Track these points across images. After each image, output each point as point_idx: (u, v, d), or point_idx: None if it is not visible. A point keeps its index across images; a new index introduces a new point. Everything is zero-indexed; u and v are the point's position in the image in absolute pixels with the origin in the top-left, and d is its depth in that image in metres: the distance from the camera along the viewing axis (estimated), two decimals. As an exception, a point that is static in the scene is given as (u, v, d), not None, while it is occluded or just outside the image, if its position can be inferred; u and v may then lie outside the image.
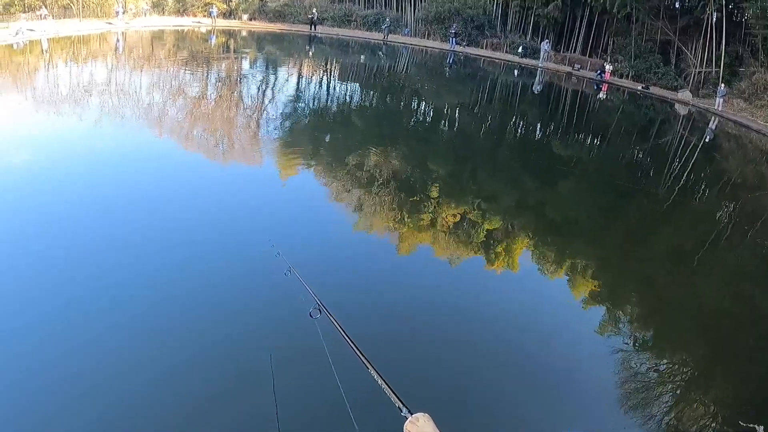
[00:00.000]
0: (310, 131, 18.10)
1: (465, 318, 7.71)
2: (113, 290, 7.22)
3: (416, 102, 25.87)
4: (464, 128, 21.91)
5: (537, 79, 37.44)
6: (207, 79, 25.01)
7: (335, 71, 32.90)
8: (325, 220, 10.75)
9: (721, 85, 33.63)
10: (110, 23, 41.32)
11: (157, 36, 40.56)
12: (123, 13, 42.78)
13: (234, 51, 37.53)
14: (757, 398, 7.11)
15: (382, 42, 44.98)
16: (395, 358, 6.34)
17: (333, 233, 10.10)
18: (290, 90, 25.04)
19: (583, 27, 44.31)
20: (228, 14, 50.30)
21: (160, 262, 8.11)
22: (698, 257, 11.68)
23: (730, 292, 10.21)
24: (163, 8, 49.31)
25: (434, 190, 13.00)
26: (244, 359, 6.24)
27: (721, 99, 32.98)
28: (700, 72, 37.57)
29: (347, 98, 25.08)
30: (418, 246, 10.17)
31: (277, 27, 48.09)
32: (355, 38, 46.10)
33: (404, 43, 45.54)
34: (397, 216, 11.16)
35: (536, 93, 33.48)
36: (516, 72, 39.47)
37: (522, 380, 6.52)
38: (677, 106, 34.09)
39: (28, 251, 8.03)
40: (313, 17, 46.50)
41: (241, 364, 6.15)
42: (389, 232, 10.49)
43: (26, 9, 39.08)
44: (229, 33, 45.36)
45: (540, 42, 43.14)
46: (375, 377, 2.70)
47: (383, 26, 46.09)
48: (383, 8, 50.58)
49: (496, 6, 46.43)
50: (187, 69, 26.62)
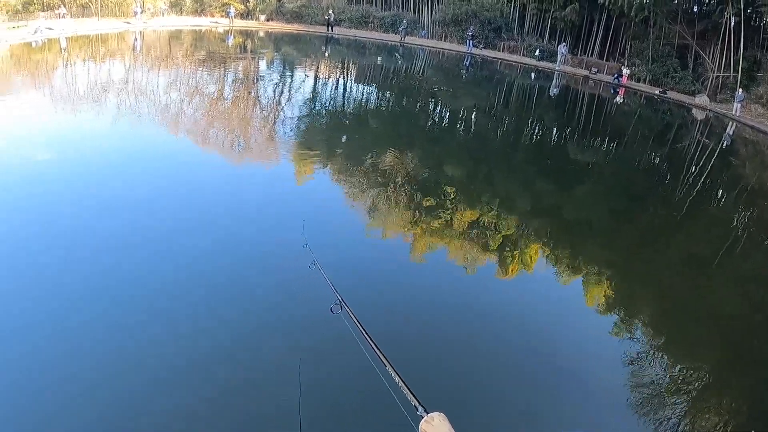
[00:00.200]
0: (327, 132, 18.22)
1: (481, 319, 7.81)
2: (141, 284, 7.38)
3: (433, 104, 25.91)
4: (481, 131, 21.94)
5: (554, 83, 37.38)
6: (224, 79, 25.17)
7: (352, 72, 32.98)
8: (345, 220, 10.85)
9: (739, 90, 33.42)
10: (128, 23, 41.68)
11: (175, 36, 40.83)
12: (141, 13, 43.12)
13: (251, 51, 37.72)
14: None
15: (399, 44, 45.05)
16: (413, 357, 6.50)
17: (353, 232, 10.21)
18: (307, 91, 25.18)
19: (601, 30, 44.16)
20: (245, 15, 50.52)
21: (188, 255, 8.29)
22: (713, 263, 11.66)
23: (745, 298, 10.21)
24: (181, 8, 49.59)
25: (451, 192, 13.07)
26: (267, 352, 6.38)
27: (739, 104, 32.78)
28: (718, 77, 37.37)
29: (364, 99, 25.16)
30: (435, 247, 10.26)
31: (294, 28, 48.26)
32: (372, 40, 46.18)
33: (421, 45, 45.59)
34: (415, 217, 11.23)
35: (553, 96, 33.42)
36: (533, 75, 39.42)
37: (536, 383, 6.60)
38: (694, 111, 33.93)
39: (58, 246, 8.19)
40: (330, 18, 46.63)
41: (264, 357, 6.30)
42: (407, 233, 10.55)
43: (45, 8, 39.49)
44: (247, 33, 45.58)
45: (557, 45, 43.02)
46: (393, 375, 2.74)
47: (400, 28, 46.15)
48: (400, 10, 50.65)
49: (514, 8, 46.37)
50: (205, 69, 26.79)
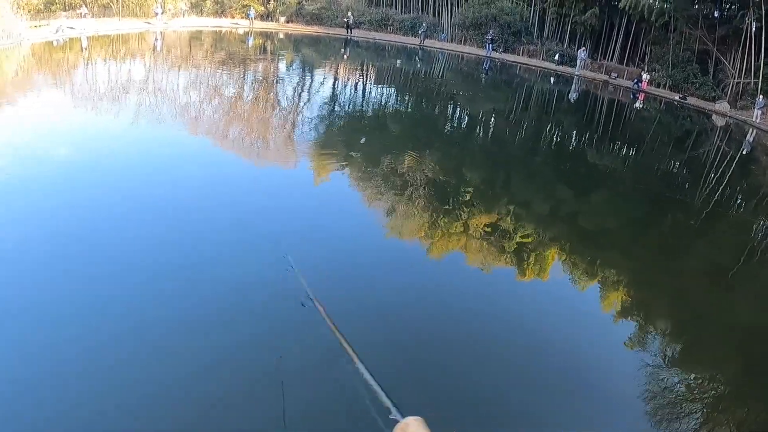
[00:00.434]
0: (346, 134, 18.35)
1: (492, 323, 7.84)
2: (139, 285, 7.48)
3: (452, 108, 25.98)
4: (499, 135, 21.99)
5: (573, 87, 37.38)
6: (244, 80, 25.37)
7: (371, 75, 33.10)
8: (360, 222, 10.92)
9: (760, 97, 33.26)
10: (149, 23, 42.12)
11: (195, 36, 41.19)
12: (162, 14, 43.56)
13: (271, 53, 37.93)
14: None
15: (419, 46, 45.17)
16: (417, 360, 6.49)
17: (344, 234, 10.19)
18: (326, 93, 25.35)
19: (621, 35, 44.09)
20: (265, 16, 50.87)
21: (183, 256, 8.42)
22: (733, 271, 11.65)
23: (765, 309, 10.17)
24: (202, 9, 50.00)
25: (468, 196, 13.11)
26: (246, 356, 6.38)
27: (760, 111, 32.65)
28: (738, 83, 37.19)
29: (383, 102, 25.27)
30: (450, 250, 10.30)
31: (314, 30, 48.55)
32: (392, 42, 46.34)
33: (440, 48, 45.71)
34: (431, 220, 11.29)
35: (572, 101, 33.41)
36: (552, 79, 39.41)
37: (545, 391, 6.61)
38: (714, 117, 33.82)
39: (55, 245, 8.30)
40: (349, 21, 46.78)
41: (242, 361, 6.29)
42: (422, 236, 10.61)
43: (67, 7, 40.04)
44: (267, 35, 45.89)
45: (577, 49, 42.96)
46: (367, 377, 2.79)
47: (420, 31, 46.28)
48: (420, 13, 50.77)
49: (533, 13, 46.39)
50: (225, 70, 26.99)
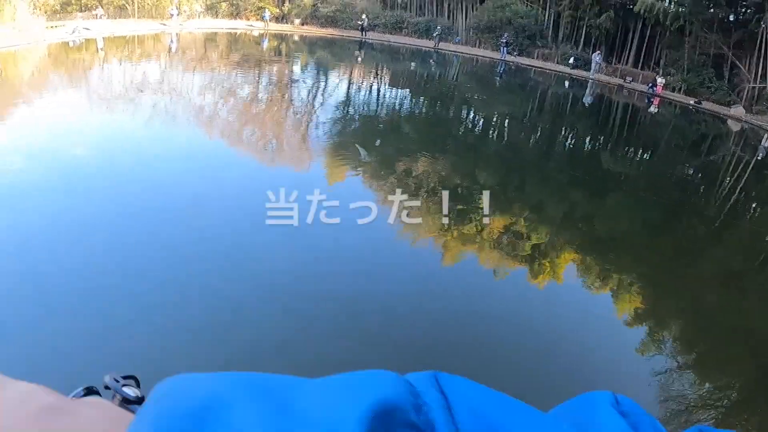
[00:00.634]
0: (360, 136, 18.39)
1: (500, 329, 7.86)
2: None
3: (466, 111, 26.01)
4: (513, 139, 22.01)
5: (588, 91, 37.33)
6: (258, 82, 25.47)
7: (385, 77, 33.18)
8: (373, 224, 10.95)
9: (776, 102, 33.14)
10: (164, 24, 42.36)
11: (211, 38, 41.41)
12: (177, 15, 43.73)
13: (286, 55, 38.08)
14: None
15: (433, 49, 45.18)
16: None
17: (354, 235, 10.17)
18: (340, 95, 25.43)
19: (636, 39, 43.95)
20: (280, 18, 50.96)
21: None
22: (747, 278, 11.63)
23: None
24: (217, 11, 50.14)
25: (480, 198, 13.14)
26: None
27: (776, 116, 32.52)
28: (754, 87, 37.00)
29: (397, 105, 25.34)
30: (464, 253, 10.33)
31: (329, 32, 48.67)
32: (406, 45, 46.41)
33: (455, 52, 45.72)
34: (445, 222, 11.31)
35: (587, 105, 33.37)
36: (567, 83, 39.38)
37: (554, 395, 6.54)
38: (729, 122, 33.69)
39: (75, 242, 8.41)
40: (364, 23, 46.80)
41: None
42: (436, 239, 10.65)
43: (83, 8, 40.38)
44: (281, 37, 46.04)
45: (591, 53, 42.84)
46: None
47: (434, 34, 46.27)
48: (435, 16, 50.78)
49: (548, 16, 46.31)
50: (240, 71, 27.12)
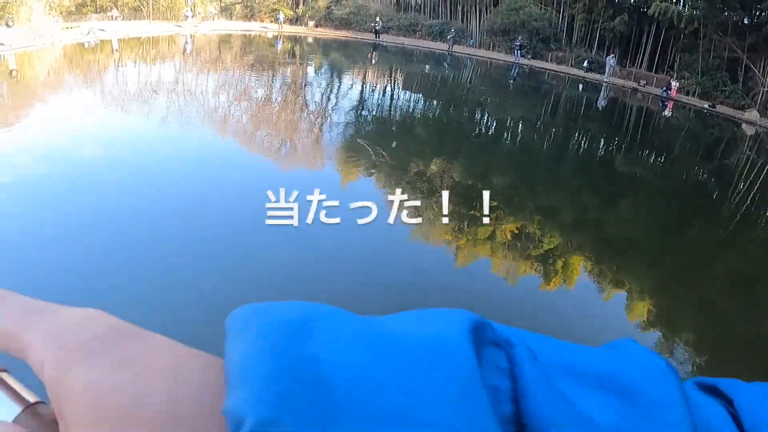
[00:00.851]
0: (374, 138, 18.42)
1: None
2: None
3: (479, 114, 26.01)
4: (527, 142, 22.00)
5: (601, 95, 37.28)
6: (272, 83, 25.58)
7: (399, 80, 33.23)
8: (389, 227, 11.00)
9: (791, 106, 32.94)
10: (179, 26, 42.63)
11: (225, 40, 41.61)
12: (192, 17, 43.91)
13: (299, 56, 38.19)
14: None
15: (447, 52, 45.20)
16: None
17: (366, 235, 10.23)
18: (354, 97, 25.50)
19: (650, 42, 43.83)
20: (294, 20, 51.17)
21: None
22: (763, 285, 11.56)
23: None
24: (231, 13, 50.35)
25: (494, 202, 13.14)
26: None
27: (791, 120, 32.33)
28: (769, 91, 36.82)
29: (411, 107, 25.41)
30: (476, 256, 10.33)
31: (342, 34, 48.82)
32: (420, 47, 46.49)
33: (469, 54, 45.75)
34: (456, 226, 11.33)
35: (600, 108, 33.30)
36: (581, 86, 39.34)
37: None
38: (744, 126, 33.50)
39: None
40: (377, 25, 46.86)
41: None
42: (448, 241, 10.66)
43: (98, 10, 40.66)
44: (295, 39, 46.22)
45: (605, 56, 42.73)
46: None
47: (448, 36, 46.29)
48: (449, 18, 50.84)
49: (562, 19, 46.23)
50: (254, 73, 27.23)
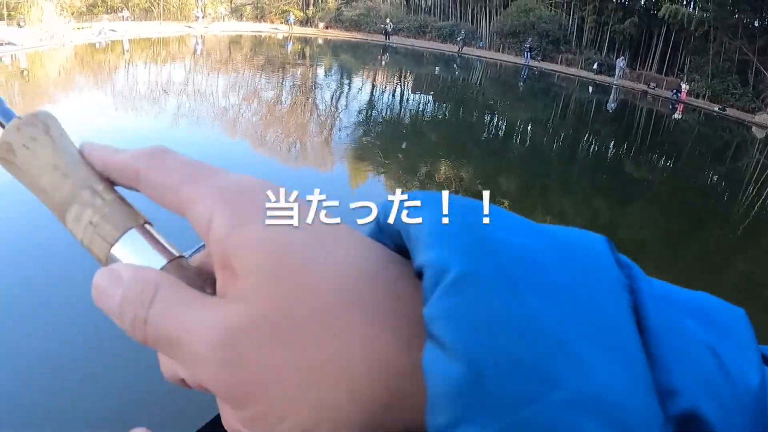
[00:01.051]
0: (383, 140, 18.45)
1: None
2: None
3: (489, 116, 26.02)
4: (536, 144, 21.99)
5: (611, 97, 37.21)
6: (282, 85, 25.64)
7: (409, 82, 33.26)
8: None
9: (802, 110, 32.81)
10: (189, 27, 42.79)
11: (235, 40, 41.73)
12: (202, 18, 44.01)
13: (310, 58, 38.27)
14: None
15: (457, 54, 45.18)
16: None
17: None
18: (364, 99, 25.54)
19: (660, 44, 43.73)
20: (305, 22, 51.27)
21: None
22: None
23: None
24: (242, 14, 50.49)
25: (503, 204, 13.14)
26: None
27: (802, 124, 32.21)
28: (780, 94, 36.68)
29: (420, 109, 25.42)
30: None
31: (352, 36, 48.90)
32: (430, 49, 46.53)
33: (478, 56, 45.78)
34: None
35: (610, 111, 33.24)
36: (590, 89, 39.28)
37: None
38: (754, 129, 33.38)
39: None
40: (387, 27, 46.90)
41: None
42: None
43: (108, 10, 40.79)
44: (306, 40, 46.30)
45: (615, 59, 42.65)
46: None
47: (458, 38, 46.28)
48: (459, 20, 50.84)
49: (572, 21, 46.18)
50: (264, 74, 27.30)
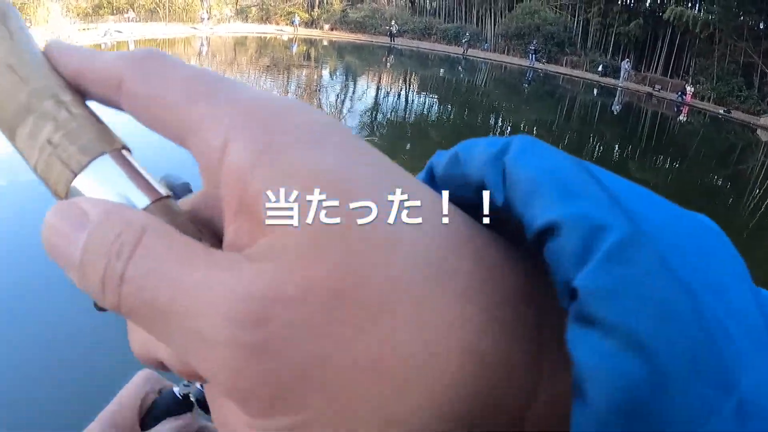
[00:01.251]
0: (387, 141, 18.52)
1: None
2: None
3: (494, 118, 26.06)
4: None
5: (616, 99, 37.24)
6: (287, 86, 25.71)
7: (414, 83, 33.30)
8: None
9: (807, 112, 32.78)
10: (195, 28, 42.88)
11: (240, 42, 41.81)
12: (208, 19, 44.07)
13: (315, 59, 38.35)
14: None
15: (462, 56, 45.20)
16: None
17: None
18: (369, 100, 25.61)
19: (665, 47, 43.75)
20: (310, 23, 51.32)
21: None
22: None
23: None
24: (247, 15, 50.51)
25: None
26: None
27: (807, 126, 32.19)
28: (785, 97, 36.66)
29: (425, 111, 25.48)
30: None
31: (357, 37, 48.98)
32: (435, 51, 46.59)
33: (483, 58, 45.82)
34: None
35: (615, 113, 33.27)
36: (595, 91, 39.31)
37: None
38: (759, 132, 33.37)
39: None
40: (392, 29, 46.93)
41: None
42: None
43: (114, 11, 40.85)
44: (311, 42, 46.37)
45: (620, 61, 42.68)
46: None
47: (463, 40, 46.31)
48: (464, 22, 50.90)
49: (577, 23, 46.21)
50: (269, 75, 27.38)
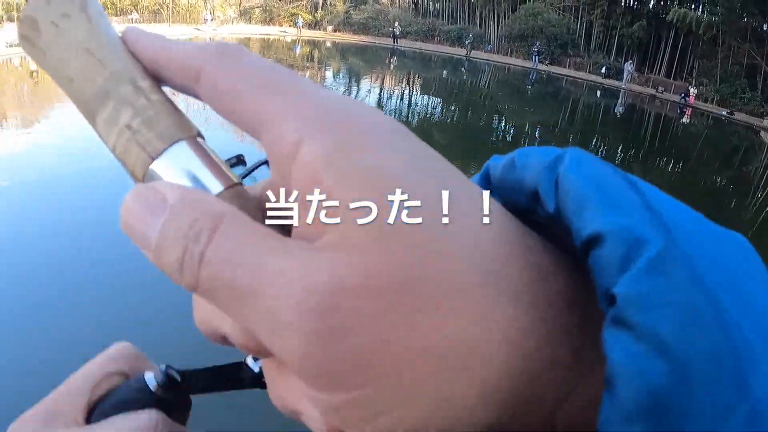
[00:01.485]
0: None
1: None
2: None
3: (497, 119, 26.10)
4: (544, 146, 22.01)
5: (619, 101, 37.25)
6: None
7: (417, 85, 33.37)
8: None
9: (811, 114, 32.81)
10: (198, 29, 42.99)
11: (244, 43, 41.74)
12: (211, 20, 44.19)
13: (318, 61, 38.41)
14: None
15: (465, 57, 45.26)
16: None
17: None
18: (372, 101, 25.61)
19: (668, 48, 43.77)
20: (313, 25, 51.44)
21: None
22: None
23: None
24: (250, 17, 50.62)
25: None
26: None
27: (810, 128, 32.21)
28: (788, 99, 36.70)
29: (429, 112, 25.55)
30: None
31: (361, 39, 49.06)
32: (438, 53, 46.64)
33: (486, 60, 45.87)
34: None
35: (618, 115, 33.28)
36: (598, 93, 39.33)
37: None
38: (763, 134, 33.37)
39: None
40: (396, 31, 46.98)
41: None
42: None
43: (118, 12, 40.99)
44: (314, 43, 46.45)
45: (623, 63, 42.71)
46: None
47: (466, 42, 46.37)
48: (467, 24, 50.95)
49: (580, 25, 46.23)
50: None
